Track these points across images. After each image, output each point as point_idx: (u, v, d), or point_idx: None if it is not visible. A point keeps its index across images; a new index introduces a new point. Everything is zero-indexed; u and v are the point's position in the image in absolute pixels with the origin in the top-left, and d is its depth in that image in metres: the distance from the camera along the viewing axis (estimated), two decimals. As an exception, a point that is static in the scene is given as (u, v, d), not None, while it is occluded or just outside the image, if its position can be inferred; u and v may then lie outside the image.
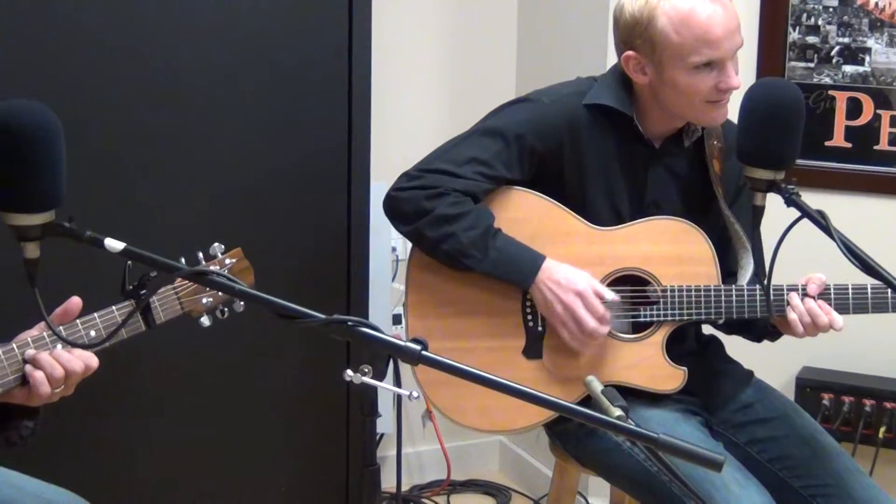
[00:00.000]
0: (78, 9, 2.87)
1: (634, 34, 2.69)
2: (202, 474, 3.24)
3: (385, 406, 3.67)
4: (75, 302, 2.16)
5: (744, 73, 2.79)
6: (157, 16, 2.95)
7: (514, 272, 2.78)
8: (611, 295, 2.76)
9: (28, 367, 2.09)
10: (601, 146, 2.82)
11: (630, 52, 2.73)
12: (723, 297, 2.77)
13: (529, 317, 2.85)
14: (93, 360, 2.14)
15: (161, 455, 3.18)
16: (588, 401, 1.84)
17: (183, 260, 2.24)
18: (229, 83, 3.06)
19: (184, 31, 2.99)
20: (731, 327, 2.97)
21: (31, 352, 2.09)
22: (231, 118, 3.08)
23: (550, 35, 4.07)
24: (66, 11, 2.86)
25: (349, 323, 1.65)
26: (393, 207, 2.84)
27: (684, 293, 2.78)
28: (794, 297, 2.69)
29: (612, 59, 2.90)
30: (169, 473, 3.19)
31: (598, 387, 1.88)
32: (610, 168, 2.83)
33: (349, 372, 1.71)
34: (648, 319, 2.81)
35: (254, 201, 3.14)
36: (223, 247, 2.39)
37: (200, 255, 2.35)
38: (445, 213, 2.74)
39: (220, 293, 2.29)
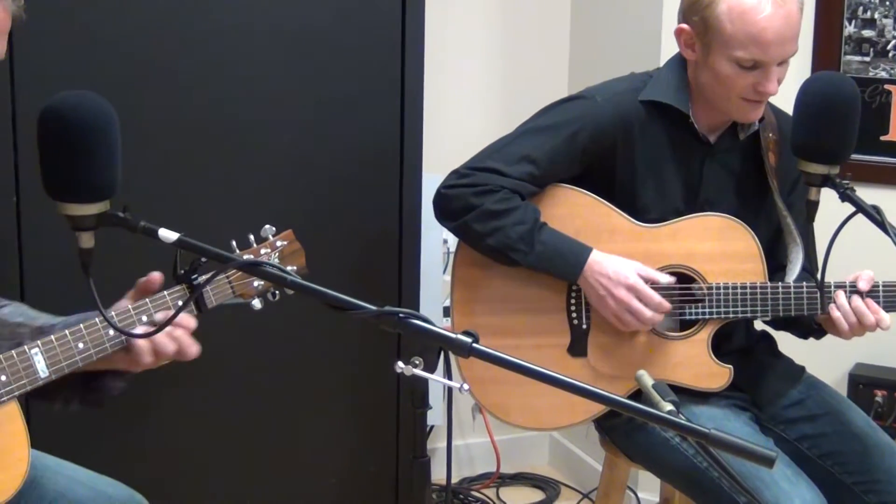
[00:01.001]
0: (135, 3, 2.89)
1: (693, 10, 2.68)
2: (253, 465, 3.25)
3: (434, 398, 3.68)
4: (156, 277, 2.18)
5: (798, 67, 2.78)
6: (213, 8, 2.97)
7: (561, 265, 2.77)
8: (665, 279, 2.75)
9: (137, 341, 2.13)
10: (654, 143, 2.81)
11: (684, 26, 2.72)
12: (769, 295, 2.75)
13: (574, 314, 2.85)
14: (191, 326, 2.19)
15: (213, 446, 3.20)
16: (636, 396, 1.84)
17: (234, 243, 2.26)
18: (283, 76, 3.07)
19: (239, 22, 3.00)
20: (778, 323, 2.95)
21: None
22: (284, 111, 3.09)
23: (603, 31, 4.05)
24: (122, 5, 2.88)
25: (400, 315, 1.66)
26: (442, 205, 2.84)
27: (730, 290, 2.77)
28: (840, 296, 2.67)
29: (665, 55, 2.90)
30: (221, 464, 3.21)
31: (648, 381, 1.87)
32: (663, 165, 2.82)
33: (400, 364, 1.71)
34: (694, 317, 2.80)
35: (307, 193, 3.15)
36: (274, 229, 2.39)
37: (252, 237, 2.36)
38: (493, 208, 2.74)
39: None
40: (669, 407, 1.74)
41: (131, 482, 2.42)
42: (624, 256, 2.77)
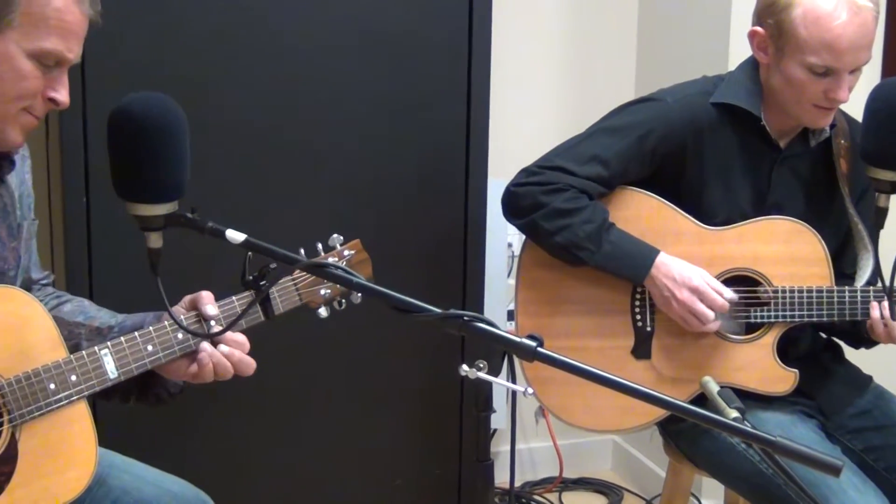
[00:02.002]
0: (204, 6, 2.91)
1: (768, 13, 2.66)
2: (317, 467, 3.27)
3: (497, 402, 3.67)
4: (207, 295, 2.21)
5: (869, 73, 2.75)
6: (282, 13, 2.98)
7: (628, 266, 2.77)
8: (729, 293, 2.74)
9: (202, 359, 2.17)
10: (724, 146, 2.79)
11: (758, 28, 2.70)
12: (835, 299, 2.73)
13: (638, 316, 2.84)
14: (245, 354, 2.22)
15: (279, 446, 3.22)
16: (700, 400, 1.83)
17: (302, 251, 2.27)
18: (350, 79, 3.08)
19: (306, 28, 3.01)
20: (829, 330, 2.93)
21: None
22: (351, 115, 3.10)
23: (671, 32, 4.03)
24: (192, 8, 2.90)
25: (465, 318, 1.65)
26: (510, 202, 2.85)
27: (795, 294, 2.75)
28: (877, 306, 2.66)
29: (734, 59, 2.88)
30: (284, 465, 3.23)
31: (714, 387, 1.86)
32: (732, 169, 2.80)
33: (464, 367, 1.71)
34: (759, 321, 2.78)
35: (373, 196, 3.16)
36: (342, 238, 2.41)
37: (319, 245, 2.37)
38: (562, 207, 2.74)
39: (338, 285, 2.31)
40: (735, 414, 1.73)
41: (197, 481, 2.43)
42: (689, 259, 2.76)
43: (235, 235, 1.81)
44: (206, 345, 2.17)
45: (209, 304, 2.19)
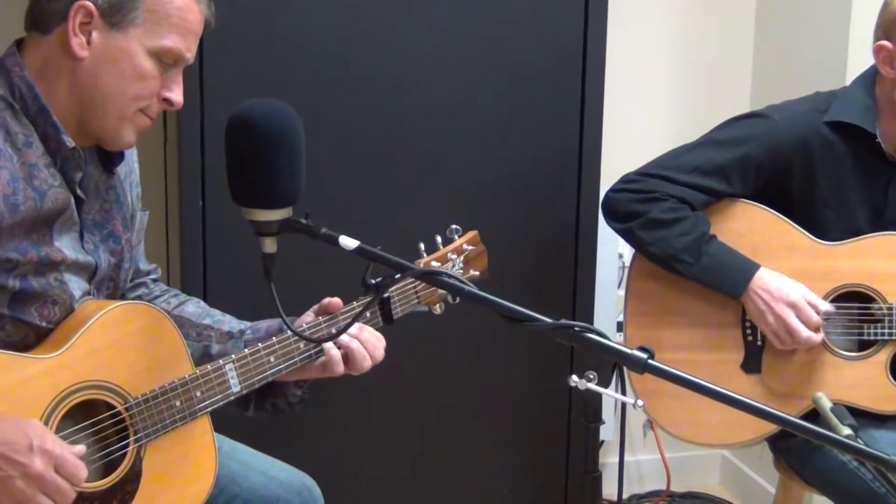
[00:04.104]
0: (323, 11, 2.94)
1: (894, 28, 2.63)
2: (424, 472, 3.28)
3: (605, 413, 3.66)
4: (336, 303, 2.24)
5: None
6: (400, 20, 3.01)
7: (726, 279, 2.76)
8: (825, 305, 2.71)
9: (328, 345, 2.21)
10: (838, 164, 2.76)
11: (885, 43, 2.67)
12: None
13: (749, 330, 2.82)
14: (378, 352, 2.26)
15: (385, 450, 3.24)
16: (810, 417, 1.81)
17: (422, 246, 2.29)
18: (464, 86, 3.09)
19: (424, 35, 3.03)
20: None
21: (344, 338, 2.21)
22: (465, 121, 3.11)
23: (787, 43, 3.98)
24: (308, 13, 2.93)
25: (576, 328, 1.65)
26: (608, 207, 2.86)
27: None
28: None
29: (851, 74, 2.84)
30: (391, 469, 3.25)
31: (826, 404, 1.84)
32: (845, 186, 2.77)
33: (574, 377, 1.70)
34: (873, 338, 2.74)
35: (485, 201, 3.17)
36: (460, 229, 2.42)
37: (439, 239, 2.38)
38: (660, 217, 2.74)
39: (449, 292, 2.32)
40: (848, 431, 1.71)
41: (304, 466, 2.47)
42: (801, 274, 2.74)
43: (348, 242, 1.83)
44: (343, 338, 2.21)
45: (333, 301, 2.23)
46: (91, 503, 1.96)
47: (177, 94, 2.06)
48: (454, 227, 2.41)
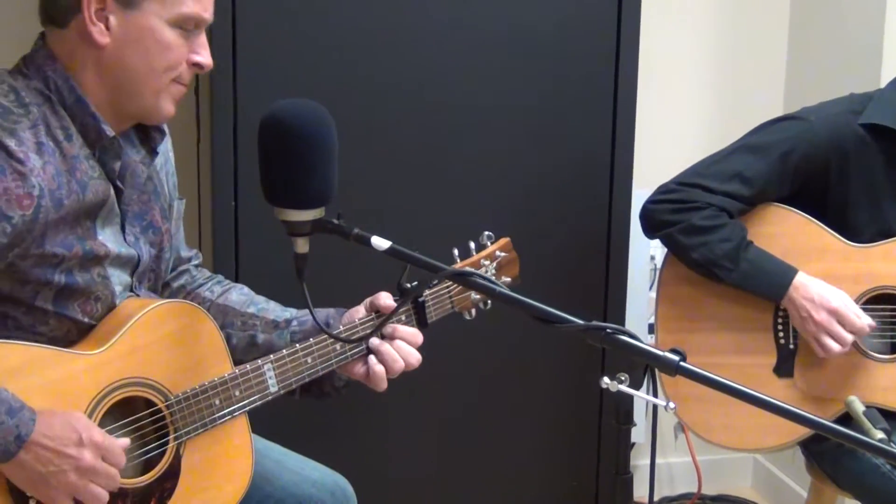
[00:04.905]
0: (356, 13, 2.95)
1: None
2: (454, 472, 3.28)
3: (636, 415, 3.65)
4: (388, 305, 2.24)
5: None
6: (433, 23, 3.01)
7: (766, 285, 2.75)
8: (867, 320, 2.70)
9: (371, 361, 2.21)
10: (871, 166, 2.75)
11: None
12: None
13: (781, 334, 2.81)
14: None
15: (416, 450, 3.24)
16: (843, 420, 1.80)
17: (456, 252, 2.29)
18: (497, 90, 3.09)
19: (457, 39, 3.03)
20: None
21: (375, 341, 2.22)
22: (497, 122, 3.11)
23: (821, 46, 3.97)
24: (340, 13, 2.94)
25: (608, 330, 1.65)
26: (647, 218, 2.85)
27: None
28: None
29: (886, 75, 2.82)
30: (422, 468, 3.25)
31: (859, 407, 1.84)
32: (880, 188, 2.76)
33: (605, 379, 1.70)
34: None
35: (517, 203, 3.17)
36: (493, 236, 2.42)
37: (472, 245, 2.38)
38: (699, 224, 2.73)
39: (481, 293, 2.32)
40: (881, 434, 1.70)
41: (337, 466, 2.47)
42: (833, 277, 2.73)
43: (380, 242, 1.83)
44: (373, 340, 2.21)
45: (385, 300, 2.23)
46: (130, 499, 1.98)
47: (205, 57, 2.06)
48: (487, 233, 2.41)
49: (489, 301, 2.37)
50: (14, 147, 1.84)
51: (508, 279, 2.43)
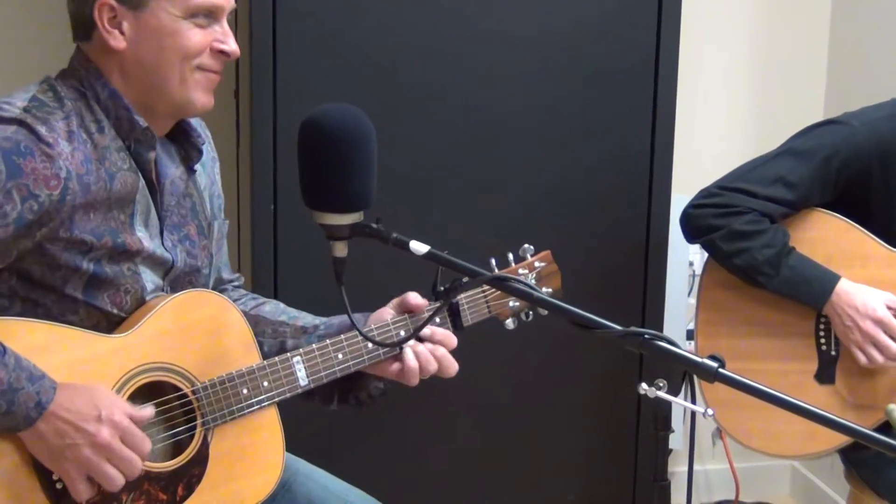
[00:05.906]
0: (396, 17, 2.96)
1: None
2: (492, 480, 3.28)
3: (674, 422, 3.64)
4: (419, 304, 2.24)
5: None
6: (471, 28, 3.01)
7: (807, 292, 2.73)
8: None
9: (407, 355, 2.20)
10: (914, 171, 2.73)
11: None
12: None
13: (822, 340, 2.79)
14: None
15: (454, 459, 3.24)
16: (884, 429, 1.79)
17: (493, 261, 2.29)
18: (536, 94, 3.09)
19: (493, 42, 3.03)
20: None
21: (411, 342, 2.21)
22: (537, 128, 3.11)
23: (862, 50, 3.95)
24: (381, 20, 2.95)
25: (646, 336, 1.64)
26: (688, 223, 2.84)
27: None
28: None
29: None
30: (462, 477, 3.25)
31: (900, 416, 1.82)
32: (923, 193, 2.74)
33: (644, 385, 1.70)
34: None
35: (556, 208, 3.16)
36: (533, 248, 2.41)
37: (511, 256, 2.38)
38: (741, 229, 2.72)
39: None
40: (922, 444, 1.68)
41: (377, 492, 2.45)
42: (876, 283, 2.71)
43: (419, 247, 1.83)
44: (411, 342, 2.21)
45: (415, 300, 2.23)
46: (158, 483, 1.99)
47: (230, 44, 2.08)
48: (527, 246, 2.40)
49: (531, 312, 2.36)
50: (44, 133, 1.89)
51: (549, 290, 2.42)
